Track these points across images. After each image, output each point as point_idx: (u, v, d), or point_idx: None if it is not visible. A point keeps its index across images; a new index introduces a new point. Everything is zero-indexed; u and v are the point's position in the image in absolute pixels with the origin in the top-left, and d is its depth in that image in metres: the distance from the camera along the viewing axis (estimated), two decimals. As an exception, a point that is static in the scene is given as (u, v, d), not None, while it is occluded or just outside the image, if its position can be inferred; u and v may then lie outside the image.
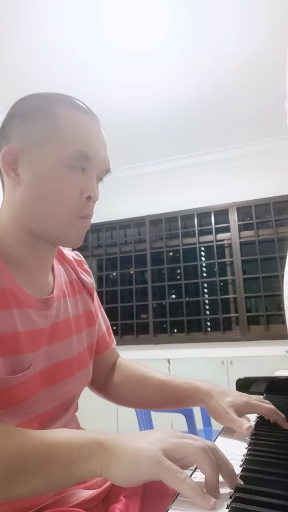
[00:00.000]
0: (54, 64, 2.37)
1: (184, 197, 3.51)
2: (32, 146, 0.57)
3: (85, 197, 0.59)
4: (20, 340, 0.56)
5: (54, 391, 0.62)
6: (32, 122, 0.58)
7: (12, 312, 0.56)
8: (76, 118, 0.58)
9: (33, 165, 0.57)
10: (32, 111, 0.59)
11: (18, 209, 0.59)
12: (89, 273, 0.79)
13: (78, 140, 0.57)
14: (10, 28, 2.10)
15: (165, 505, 0.40)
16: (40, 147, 0.57)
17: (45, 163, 0.57)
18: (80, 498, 0.57)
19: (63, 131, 0.57)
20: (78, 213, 0.59)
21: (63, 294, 0.68)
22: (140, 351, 3.22)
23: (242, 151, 3.34)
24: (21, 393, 0.55)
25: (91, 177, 0.60)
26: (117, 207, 3.59)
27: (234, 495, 0.38)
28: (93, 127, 0.60)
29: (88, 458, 0.43)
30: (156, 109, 2.84)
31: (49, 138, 0.57)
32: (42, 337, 0.60)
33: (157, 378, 0.76)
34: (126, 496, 0.62)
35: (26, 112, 0.59)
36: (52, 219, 0.58)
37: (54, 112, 0.58)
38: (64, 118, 0.57)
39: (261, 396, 0.88)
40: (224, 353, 2.97)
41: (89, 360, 0.73)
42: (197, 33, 2.16)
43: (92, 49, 2.25)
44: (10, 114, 0.61)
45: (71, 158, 0.57)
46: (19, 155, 0.57)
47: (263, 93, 2.68)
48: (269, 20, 2.08)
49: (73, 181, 0.58)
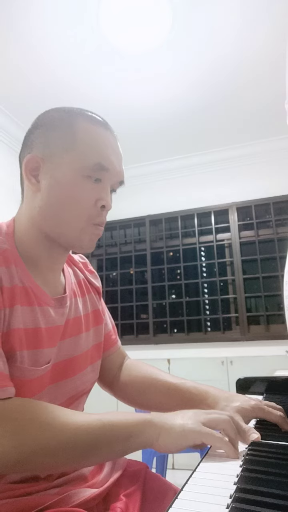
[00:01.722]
0: (54, 64, 2.37)
1: (184, 197, 3.51)
2: (52, 155, 0.61)
3: (99, 206, 0.63)
4: (41, 335, 0.60)
5: (63, 386, 0.65)
6: (54, 132, 0.62)
7: (35, 309, 0.60)
8: (95, 131, 0.63)
9: (53, 173, 0.61)
10: (54, 123, 0.63)
11: (36, 214, 0.63)
12: (94, 273, 0.83)
13: (95, 152, 0.61)
14: (10, 28, 2.10)
15: (165, 504, 0.40)
16: (60, 156, 0.61)
17: (64, 172, 0.61)
18: (82, 497, 0.57)
19: (82, 143, 0.61)
20: (92, 221, 0.63)
21: (74, 294, 0.72)
22: (140, 351, 3.22)
23: (242, 151, 3.34)
24: (36, 386, 0.58)
25: (105, 188, 0.64)
26: (117, 207, 3.57)
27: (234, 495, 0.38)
28: (110, 141, 0.64)
29: (142, 433, 0.53)
30: (156, 109, 2.84)
31: (69, 149, 0.61)
32: (58, 334, 0.64)
33: (166, 380, 0.77)
34: (127, 495, 0.62)
35: (48, 123, 0.63)
36: (67, 225, 0.62)
37: (74, 125, 0.62)
38: (84, 130, 0.62)
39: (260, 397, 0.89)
40: (224, 353, 2.97)
41: (96, 358, 0.75)
42: (197, 33, 2.16)
43: (92, 49, 2.25)
44: (34, 124, 0.66)
45: (89, 168, 0.61)
46: (41, 163, 0.62)
47: (263, 93, 2.68)
48: (269, 20, 2.09)
49: (89, 190, 0.62)
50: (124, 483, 0.66)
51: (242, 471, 0.45)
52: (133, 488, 0.64)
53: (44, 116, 0.65)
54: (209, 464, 0.50)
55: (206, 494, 0.40)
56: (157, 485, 0.68)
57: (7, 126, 2.90)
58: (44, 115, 0.66)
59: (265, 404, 0.66)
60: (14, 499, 0.54)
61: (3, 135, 2.92)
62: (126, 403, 0.82)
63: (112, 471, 0.68)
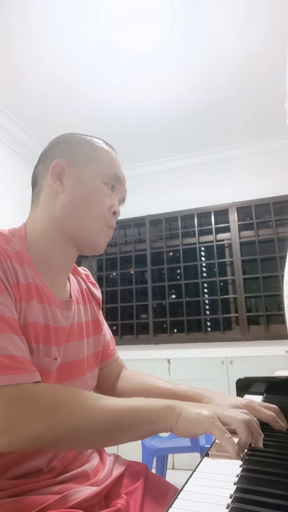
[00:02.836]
0: (54, 65, 2.37)
1: (184, 197, 3.51)
2: (77, 163, 0.71)
3: (112, 212, 0.73)
4: (50, 333, 0.63)
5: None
6: (77, 145, 0.73)
7: (46, 307, 0.64)
8: (110, 152, 0.75)
9: (77, 177, 0.71)
10: (76, 140, 0.74)
11: (58, 212, 0.69)
12: (95, 285, 0.88)
13: (113, 166, 0.74)
14: (10, 29, 2.10)
15: (166, 502, 0.41)
16: (84, 164, 0.71)
17: (87, 177, 0.71)
18: (83, 496, 0.58)
19: (102, 156, 0.73)
20: (106, 223, 0.72)
21: (77, 301, 0.76)
22: (140, 351, 3.22)
23: (242, 151, 3.34)
24: (51, 380, 0.61)
25: (116, 198, 0.75)
26: (117, 207, 3.58)
27: (234, 495, 0.38)
28: (119, 163, 0.77)
29: (164, 417, 0.57)
30: (156, 110, 2.84)
31: (91, 159, 0.72)
32: (63, 334, 0.68)
33: (162, 386, 0.80)
34: (127, 493, 0.62)
35: (70, 140, 0.74)
36: (86, 223, 0.70)
37: (93, 143, 0.74)
38: (101, 148, 0.74)
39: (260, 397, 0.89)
40: (224, 353, 2.97)
41: (94, 365, 0.78)
42: (197, 33, 2.16)
43: (92, 49, 2.25)
44: (54, 141, 0.76)
45: (108, 177, 0.72)
46: (66, 168, 0.71)
47: (264, 93, 2.68)
48: (269, 21, 2.09)
49: (106, 196, 0.72)
50: (124, 482, 0.67)
51: (242, 471, 0.45)
52: (134, 486, 0.65)
53: (66, 135, 0.77)
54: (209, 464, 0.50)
55: (206, 494, 0.40)
56: (157, 485, 0.69)
57: (7, 126, 2.90)
58: (65, 134, 0.77)
59: (257, 404, 0.68)
60: (16, 498, 0.54)
61: (3, 135, 2.92)
62: None
63: (113, 469, 0.69)
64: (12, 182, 2.95)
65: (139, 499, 0.62)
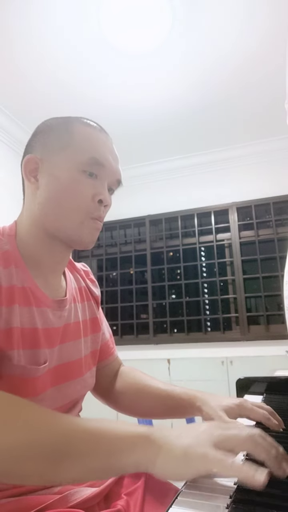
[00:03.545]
0: (54, 65, 2.37)
1: (184, 197, 3.51)
2: (50, 155, 0.64)
3: (97, 200, 0.65)
4: (38, 336, 0.60)
5: (64, 389, 0.66)
6: (51, 135, 0.66)
7: (33, 309, 0.60)
8: (90, 132, 0.66)
9: (51, 171, 0.64)
10: (52, 127, 0.67)
11: (37, 211, 0.65)
12: (94, 282, 0.84)
13: (91, 148, 0.64)
14: (10, 28, 2.10)
15: (166, 502, 0.40)
16: (57, 154, 0.64)
17: (61, 168, 0.63)
18: (83, 496, 0.58)
19: (78, 140, 0.64)
20: (90, 214, 0.64)
21: (74, 299, 0.73)
22: (140, 351, 3.22)
23: (242, 151, 3.34)
24: (35, 387, 0.58)
25: (102, 184, 0.66)
26: (117, 207, 3.56)
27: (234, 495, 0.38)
28: (105, 142, 0.67)
29: (132, 450, 0.42)
30: (156, 109, 2.84)
31: (65, 147, 0.64)
32: (56, 336, 0.65)
33: (157, 387, 0.78)
34: (128, 494, 0.62)
35: (46, 128, 0.67)
36: (66, 219, 0.64)
37: (71, 127, 0.66)
38: (80, 131, 0.65)
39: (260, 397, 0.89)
40: (224, 353, 2.97)
41: (92, 365, 0.76)
42: (197, 33, 2.16)
43: (93, 49, 2.25)
44: (33, 132, 0.70)
45: (84, 163, 0.63)
46: (39, 163, 0.65)
47: (263, 93, 2.68)
48: (269, 21, 2.09)
49: (86, 185, 0.64)
50: (125, 482, 0.66)
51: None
52: (134, 487, 0.64)
53: (44, 123, 0.69)
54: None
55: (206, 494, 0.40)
56: (157, 485, 0.68)
57: (7, 126, 2.90)
58: (44, 122, 0.70)
59: (250, 403, 0.67)
60: (16, 498, 0.54)
61: (3, 136, 2.92)
62: (119, 410, 0.82)
63: None
64: (12, 182, 2.95)
65: (139, 500, 0.61)
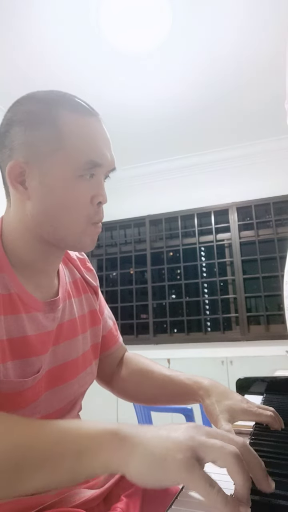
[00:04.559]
0: (54, 65, 2.37)
1: (184, 197, 3.51)
2: (39, 158, 0.55)
3: (96, 203, 0.58)
4: (29, 343, 0.57)
5: (61, 392, 0.63)
6: (36, 132, 0.55)
7: (21, 317, 0.56)
8: (82, 123, 0.56)
9: (42, 178, 0.55)
10: (35, 119, 0.55)
11: (30, 222, 0.57)
12: (92, 271, 0.79)
13: (86, 149, 0.56)
14: (10, 28, 2.10)
15: (166, 504, 0.39)
16: (47, 158, 0.55)
17: (54, 175, 0.55)
18: (82, 498, 0.57)
19: (70, 140, 0.55)
20: (91, 220, 0.59)
21: (68, 295, 0.68)
22: (140, 351, 3.15)
23: (242, 151, 3.34)
24: (30, 395, 0.56)
25: (100, 182, 0.59)
26: (117, 207, 3.59)
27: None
28: (98, 130, 0.59)
29: (100, 449, 0.38)
30: (156, 109, 2.84)
31: (56, 149, 0.55)
32: (49, 339, 0.61)
33: (160, 372, 0.76)
34: (127, 495, 0.62)
35: (26, 119, 0.56)
36: (66, 230, 0.57)
37: (58, 119, 0.55)
38: (69, 125, 0.55)
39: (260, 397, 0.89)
40: (224, 353, 2.97)
41: (93, 359, 0.73)
42: (197, 33, 2.16)
43: (93, 49, 2.25)
44: (8, 120, 0.57)
45: (81, 168, 0.56)
46: (26, 168, 0.55)
47: (264, 93, 2.68)
48: (269, 20, 2.09)
49: (83, 189, 0.57)
50: (124, 483, 0.66)
51: (242, 471, 0.45)
52: (134, 488, 0.64)
53: (19, 109, 0.57)
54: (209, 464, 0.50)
55: (206, 494, 0.40)
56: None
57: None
58: (18, 108, 0.57)
59: (256, 406, 0.63)
60: (16, 499, 0.54)
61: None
62: (123, 397, 0.82)
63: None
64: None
65: (138, 501, 0.61)
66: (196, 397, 0.69)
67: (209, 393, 0.66)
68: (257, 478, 0.37)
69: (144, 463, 0.36)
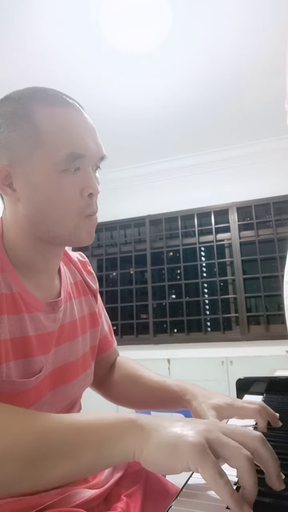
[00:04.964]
0: (54, 65, 2.37)
1: (184, 197, 3.51)
2: (20, 158, 0.55)
3: (86, 195, 0.57)
4: (31, 343, 0.57)
5: (62, 393, 0.64)
6: (14, 132, 0.54)
7: (23, 316, 0.57)
8: (57, 115, 0.55)
9: (27, 178, 0.55)
10: (10, 119, 0.55)
11: (24, 222, 0.58)
12: (92, 274, 0.80)
13: (65, 142, 0.54)
14: (11, 29, 2.10)
15: (166, 504, 0.40)
16: (28, 157, 0.54)
17: (37, 174, 0.54)
18: (82, 498, 0.57)
19: (47, 135, 0.54)
20: (83, 214, 0.58)
21: (69, 296, 0.69)
22: (140, 351, 3.22)
23: (242, 151, 3.34)
24: (33, 396, 0.56)
25: (87, 173, 0.57)
26: (117, 207, 3.59)
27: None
28: (76, 120, 0.56)
29: (120, 437, 0.39)
30: (156, 109, 2.84)
31: (35, 146, 0.54)
32: (51, 340, 0.61)
33: (149, 378, 0.77)
34: (128, 495, 0.62)
35: (3, 121, 0.55)
36: (59, 227, 0.57)
37: (32, 115, 0.54)
38: (44, 119, 0.54)
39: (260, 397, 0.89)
40: (224, 353, 2.97)
41: (91, 361, 0.74)
42: (197, 33, 2.16)
43: (93, 49, 2.25)
44: None
45: (63, 162, 0.54)
46: (10, 170, 0.55)
47: (263, 93, 2.68)
48: (270, 20, 2.08)
49: (70, 183, 0.56)
50: (125, 483, 0.66)
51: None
52: (134, 488, 0.64)
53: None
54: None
55: (206, 494, 0.40)
56: (157, 485, 0.68)
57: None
58: None
59: (241, 401, 0.65)
60: (16, 499, 0.54)
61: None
62: (112, 401, 0.82)
63: (114, 471, 0.68)
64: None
65: (139, 501, 0.61)
66: (183, 403, 0.71)
67: (195, 396, 0.68)
68: (269, 473, 0.37)
69: (156, 450, 0.38)
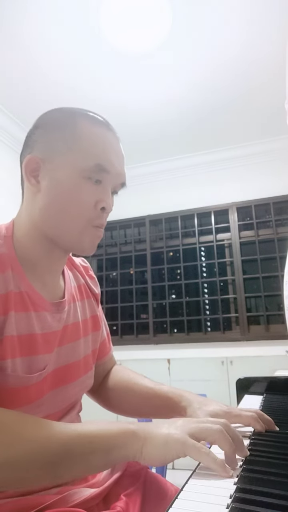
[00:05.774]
0: (54, 65, 2.37)
1: (184, 197, 3.51)
2: (53, 155, 0.60)
3: (99, 208, 0.62)
4: (37, 341, 0.59)
5: (63, 392, 0.64)
6: (54, 133, 0.61)
7: (31, 315, 0.59)
8: (96, 132, 0.61)
9: (53, 174, 0.60)
10: (56, 123, 0.62)
11: (37, 215, 0.62)
12: (94, 279, 0.82)
13: (96, 153, 0.60)
14: (10, 29, 2.10)
15: (166, 503, 0.40)
16: (60, 156, 0.60)
17: (63, 172, 0.60)
18: (82, 497, 0.58)
19: (82, 143, 0.60)
20: (91, 223, 0.62)
21: (73, 298, 0.71)
22: (140, 351, 3.22)
23: (242, 151, 3.34)
24: (34, 393, 0.58)
25: (106, 189, 0.62)
26: (117, 207, 3.55)
27: (234, 495, 0.38)
28: (111, 142, 0.63)
29: (124, 445, 0.50)
30: (156, 110, 2.84)
31: (69, 149, 0.60)
32: (55, 339, 0.63)
33: (144, 385, 0.77)
34: (127, 495, 0.62)
35: (49, 123, 0.63)
36: (66, 226, 0.61)
37: (75, 125, 0.61)
38: (85, 131, 0.61)
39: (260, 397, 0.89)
40: (224, 353, 2.97)
41: (92, 364, 0.75)
42: (198, 33, 2.16)
43: (93, 50, 2.25)
44: (35, 125, 0.65)
45: (89, 170, 0.60)
46: (41, 164, 0.61)
47: (263, 93, 2.68)
48: (270, 21, 2.09)
49: (88, 191, 0.60)
50: (124, 483, 0.66)
51: (242, 471, 0.45)
52: (133, 488, 0.64)
53: (46, 116, 0.65)
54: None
55: (206, 494, 0.40)
56: (157, 485, 0.68)
57: (8, 127, 2.90)
58: (46, 115, 0.65)
59: (237, 409, 0.65)
60: (16, 499, 0.54)
61: (4, 136, 2.92)
62: (107, 408, 0.83)
63: (113, 471, 0.69)
64: (12, 182, 2.95)
65: (138, 501, 0.61)
66: (179, 409, 0.71)
67: (190, 403, 0.69)
68: (237, 447, 0.49)
69: (152, 449, 0.49)
